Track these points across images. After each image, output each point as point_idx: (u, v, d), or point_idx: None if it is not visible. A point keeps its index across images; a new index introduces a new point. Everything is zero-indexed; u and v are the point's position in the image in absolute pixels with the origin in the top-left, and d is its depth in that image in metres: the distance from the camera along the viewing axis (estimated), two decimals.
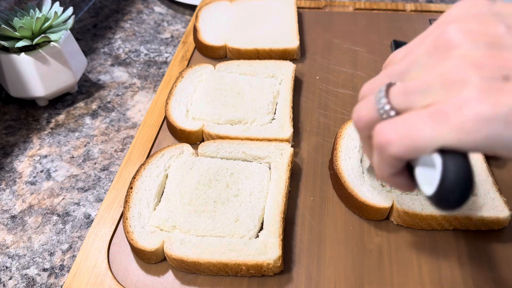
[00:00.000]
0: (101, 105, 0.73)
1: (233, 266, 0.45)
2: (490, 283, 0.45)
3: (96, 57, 0.85)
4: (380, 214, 0.50)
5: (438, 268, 0.46)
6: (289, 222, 0.51)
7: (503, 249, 0.48)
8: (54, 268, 0.51)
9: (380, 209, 0.49)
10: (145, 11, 0.98)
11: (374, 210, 0.49)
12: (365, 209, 0.50)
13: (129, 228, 0.48)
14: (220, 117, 0.61)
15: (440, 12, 0.84)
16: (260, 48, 0.73)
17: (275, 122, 0.60)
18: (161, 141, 0.62)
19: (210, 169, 0.54)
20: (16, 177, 0.62)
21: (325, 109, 0.65)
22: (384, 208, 0.49)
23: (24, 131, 0.69)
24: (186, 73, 0.68)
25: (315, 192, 0.54)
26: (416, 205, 0.49)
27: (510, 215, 0.48)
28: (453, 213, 0.48)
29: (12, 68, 0.67)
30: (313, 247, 0.48)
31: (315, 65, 0.73)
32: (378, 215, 0.50)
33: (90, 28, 0.93)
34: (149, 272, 0.47)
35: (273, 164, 0.54)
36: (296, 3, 0.84)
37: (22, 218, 0.57)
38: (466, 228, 0.49)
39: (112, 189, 0.55)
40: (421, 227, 0.49)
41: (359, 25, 0.81)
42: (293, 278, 0.46)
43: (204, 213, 0.49)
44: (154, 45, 0.87)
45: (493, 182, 0.51)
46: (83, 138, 0.68)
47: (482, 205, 0.49)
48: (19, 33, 0.65)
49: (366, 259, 0.47)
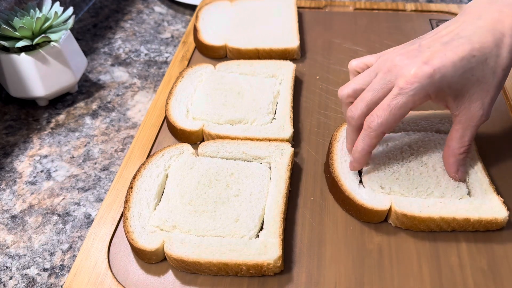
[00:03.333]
0: (101, 105, 0.73)
1: (233, 266, 0.45)
2: (490, 283, 0.45)
3: (96, 57, 0.85)
4: (379, 217, 0.50)
5: (438, 268, 0.46)
6: (289, 222, 0.51)
7: (503, 249, 0.48)
8: (54, 268, 0.51)
9: (378, 211, 0.49)
10: (145, 11, 0.98)
11: (372, 213, 0.49)
12: (363, 212, 0.49)
13: (129, 228, 0.48)
14: (220, 117, 0.61)
15: (440, 12, 0.84)
16: (260, 48, 0.73)
17: (275, 122, 0.60)
18: (161, 141, 0.62)
19: (210, 169, 0.54)
20: (16, 177, 0.62)
21: (325, 109, 0.65)
22: (382, 210, 0.49)
23: (24, 131, 0.69)
24: (186, 73, 0.68)
25: (315, 192, 0.54)
26: (415, 207, 0.48)
27: (508, 216, 0.48)
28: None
29: (12, 68, 0.67)
30: (313, 247, 0.48)
31: (315, 65, 0.73)
32: (377, 218, 0.50)
33: (90, 28, 0.93)
34: (149, 272, 0.47)
35: (273, 164, 0.54)
36: (296, 3, 0.84)
37: (22, 218, 0.57)
38: (465, 229, 0.49)
39: (112, 189, 0.55)
40: (420, 229, 0.49)
41: (359, 25, 0.81)
42: (293, 278, 0.46)
43: (204, 213, 0.49)
44: (154, 45, 0.88)
45: (490, 182, 0.51)
46: (83, 138, 0.68)
47: (479, 206, 0.49)
48: (19, 33, 0.65)
49: (366, 259, 0.47)
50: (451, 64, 0.43)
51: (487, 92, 0.44)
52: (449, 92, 0.44)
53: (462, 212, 0.48)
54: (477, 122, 0.46)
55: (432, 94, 0.44)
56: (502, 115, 0.62)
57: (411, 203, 0.49)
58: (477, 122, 0.46)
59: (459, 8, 0.84)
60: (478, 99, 0.45)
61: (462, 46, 0.43)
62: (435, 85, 0.43)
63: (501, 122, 0.61)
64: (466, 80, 0.43)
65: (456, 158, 0.48)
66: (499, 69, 0.44)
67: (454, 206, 0.48)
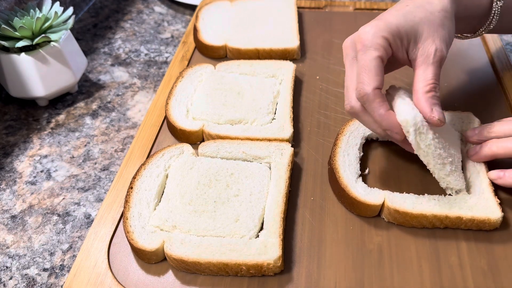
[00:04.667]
0: (101, 105, 0.73)
1: (233, 266, 0.45)
2: (490, 283, 0.45)
3: (96, 57, 0.85)
4: (371, 211, 0.50)
5: (438, 268, 0.46)
6: (289, 222, 0.51)
7: (503, 249, 0.48)
8: (54, 268, 0.51)
9: (371, 206, 0.49)
10: (145, 11, 0.98)
11: (365, 207, 0.50)
12: (356, 205, 0.50)
13: (129, 228, 0.48)
14: (220, 117, 0.61)
15: None
16: (260, 48, 0.73)
17: (275, 122, 0.60)
18: (161, 141, 0.62)
19: (210, 169, 0.54)
20: (16, 177, 0.62)
21: (325, 109, 0.65)
22: (375, 205, 0.49)
23: (24, 131, 0.69)
24: (186, 73, 0.68)
25: (315, 192, 0.54)
26: (407, 203, 0.49)
27: (502, 217, 0.48)
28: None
29: (12, 68, 0.67)
30: (313, 247, 0.48)
31: (315, 65, 0.73)
32: (369, 212, 0.50)
33: (90, 28, 0.93)
34: (149, 272, 0.47)
35: (273, 164, 0.54)
36: (296, 3, 0.84)
37: (22, 218, 0.57)
38: (457, 227, 0.49)
39: (112, 189, 0.55)
40: (412, 225, 0.49)
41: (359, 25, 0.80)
42: (293, 278, 0.46)
43: (204, 213, 0.49)
44: (154, 45, 0.88)
45: (489, 183, 0.51)
46: (83, 138, 0.68)
47: (474, 204, 0.49)
48: (19, 33, 0.65)
49: (366, 259, 0.47)
50: (394, 13, 0.50)
51: (435, 30, 0.49)
52: (403, 36, 0.49)
53: (455, 210, 0.48)
54: (434, 58, 0.49)
55: (391, 39, 0.48)
56: (502, 115, 0.62)
57: (404, 199, 0.49)
58: (433, 58, 0.49)
59: None
60: (429, 37, 0.49)
61: (400, 4, 0.52)
62: (387, 30, 0.48)
63: None
64: (412, 22, 0.49)
65: (425, 97, 0.48)
66: (436, 11, 0.50)
67: (447, 203, 0.49)
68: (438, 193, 0.52)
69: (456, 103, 0.64)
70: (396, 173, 0.55)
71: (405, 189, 0.53)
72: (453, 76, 0.69)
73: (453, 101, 0.65)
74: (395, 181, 0.54)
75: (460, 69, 0.71)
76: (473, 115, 0.59)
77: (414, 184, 0.54)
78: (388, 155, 0.57)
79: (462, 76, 0.69)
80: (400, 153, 0.57)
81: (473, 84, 0.68)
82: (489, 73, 0.70)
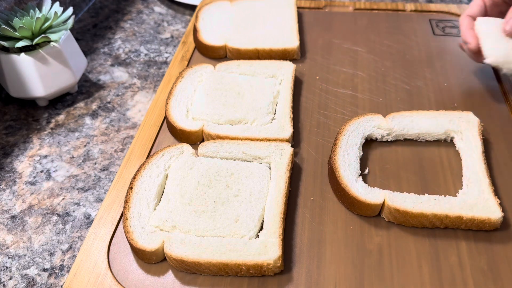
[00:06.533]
0: (101, 105, 0.73)
1: (233, 266, 0.45)
2: (490, 283, 0.45)
3: (96, 57, 0.85)
4: (372, 210, 0.50)
5: (438, 268, 0.46)
6: (289, 222, 0.51)
7: (503, 249, 0.48)
8: (54, 268, 0.51)
9: (371, 205, 0.49)
10: (145, 11, 0.98)
11: (365, 206, 0.50)
12: (356, 204, 0.50)
13: (129, 228, 0.48)
14: (220, 117, 0.61)
15: (440, 12, 0.84)
16: (260, 48, 0.73)
17: (275, 122, 0.60)
18: (161, 141, 0.62)
19: (210, 169, 0.54)
20: (16, 177, 0.62)
21: (325, 109, 0.65)
22: (375, 204, 0.49)
23: (24, 131, 0.69)
24: (186, 73, 0.68)
25: (315, 192, 0.54)
26: (408, 203, 0.49)
27: (502, 217, 0.48)
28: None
29: (12, 68, 0.67)
30: (313, 247, 0.48)
31: (315, 65, 0.73)
32: (370, 211, 0.50)
33: (90, 28, 0.93)
34: (149, 272, 0.47)
35: (273, 164, 0.54)
36: (296, 3, 0.84)
37: (22, 218, 0.57)
38: (457, 227, 0.49)
39: (112, 189, 0.55)
40: (412, 225, 0.49)
41: (359, 25, 0.81)
42: (293, 278, 0.46)
43: (204, 213, 0.49)
44: (154, 45, 0.88)
45: (490, 183, 0.51)
46: (83, 138, 0.68)
47: (474, 204, 0.49)
48: (19, 33, 0.65)
49: (366, 259, 0.47)
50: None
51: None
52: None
53: (455, 209, 0.48)
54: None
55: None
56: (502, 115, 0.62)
57: (405, 198, 0.49)
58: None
59: (459, 8, 0.84)
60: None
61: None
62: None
63: (502, 122, 0.62)
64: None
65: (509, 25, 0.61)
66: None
67: (447, 203, 0.49)
68: (438, 193, 0.52)
69: (456, 103, 0.64)
70: (396, 173, 0.55)
71: (405, 188, 0.53)
72: (453, 76, 0.69)
73: (453, 101, 0.65)
74: (395, 181, 0.54)
75: (460, 69, 0.71)
76: (473, 115, 0.59)
77: (414, 184, 0.54)
78: (388, 155, 0.57)
79: (462, 76, 0.69)
80: (400, 153, 0.57)
81: (473, 84, 0.68)
82: (489, 73, 0.70)
